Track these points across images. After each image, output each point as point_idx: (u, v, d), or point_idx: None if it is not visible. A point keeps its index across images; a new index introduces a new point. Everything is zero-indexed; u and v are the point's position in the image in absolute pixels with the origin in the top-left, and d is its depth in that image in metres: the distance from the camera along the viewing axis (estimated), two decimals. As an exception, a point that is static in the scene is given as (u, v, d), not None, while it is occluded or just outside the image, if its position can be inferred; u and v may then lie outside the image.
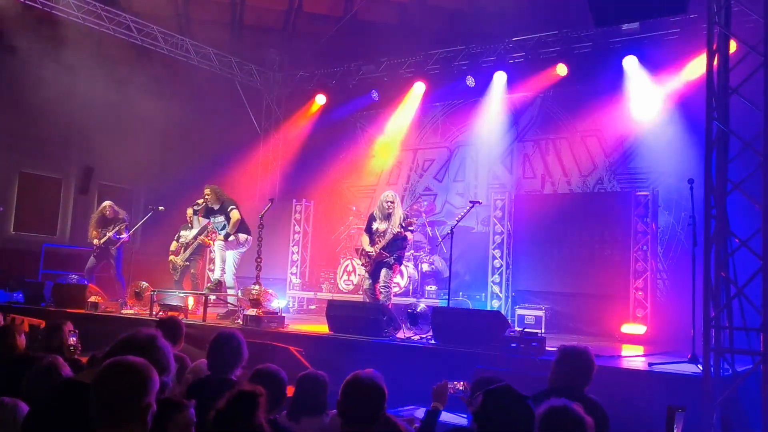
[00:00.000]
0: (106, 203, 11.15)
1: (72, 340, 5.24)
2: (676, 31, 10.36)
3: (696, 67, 9.91)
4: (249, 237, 9.74)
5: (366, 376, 3.32)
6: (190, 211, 10.66)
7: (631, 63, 10.80)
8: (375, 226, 8.71)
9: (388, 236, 8.48)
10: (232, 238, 9.60)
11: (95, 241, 10.90)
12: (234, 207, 9.61)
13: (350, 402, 3.25)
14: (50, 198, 14.20)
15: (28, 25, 11.80)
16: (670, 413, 3.51)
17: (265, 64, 14.86)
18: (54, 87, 12.20)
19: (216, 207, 9.69)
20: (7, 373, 4.10)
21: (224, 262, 9.75)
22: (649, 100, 10.73)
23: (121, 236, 10.87)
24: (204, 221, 9.99)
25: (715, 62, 5.47)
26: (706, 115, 5.39)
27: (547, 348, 6.44)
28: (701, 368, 5.25)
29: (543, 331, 9.08)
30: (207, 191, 9.66)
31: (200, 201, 9.75)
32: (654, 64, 10.64)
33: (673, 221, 10.33)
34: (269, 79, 15.07)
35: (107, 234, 10.85)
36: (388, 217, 8.61)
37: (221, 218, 9.68)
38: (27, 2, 11.18)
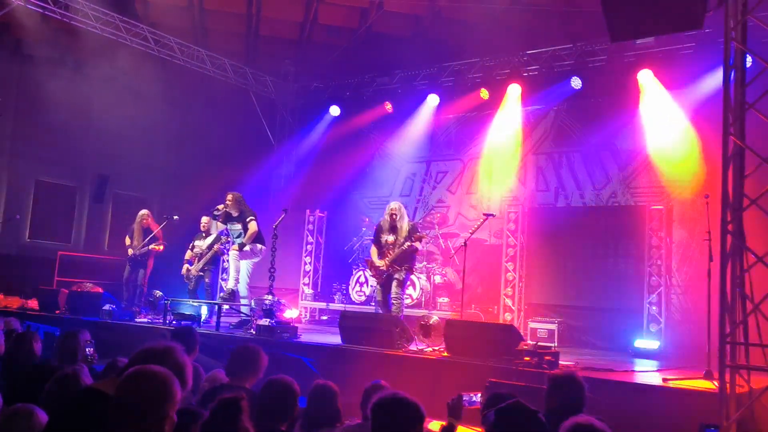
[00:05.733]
0: (145, 213, 11.14)
1: (89, 350, 5.26)
2: (691, 45, 10.33)
3: (711, 81, 9.87)
4: (263, 247, 9.78)
5: (403, 395, 3.18)
6: (205, 219, 10.72)
7: (645, 76, 10.77)
8: (383, 238, 8.73)
9: (398, 251, 8.48)
10: (247, 247, 9.64)
11: (130, 251, 10.91)
12: (252, 218, 9.67)
13: (387, 420, 3.11)
14: (65, 206, 14.32)
15: (46, 35, 11.95)
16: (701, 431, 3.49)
17: (279, 74, 14.95)
18: (70, 96, 12.34)
19: (235, 214, 9.76)
20: (23, 381, 4.14)
21: (238, 271, 9.80)
22: (663, 113, 10.69)
23: (159, 248, 10.89)
24: (222, 227, 10.03)
25: (732, 77, 5.46)
26: (722, 130, 5.37)
27: (560, 362, 6.42)
28: (717, 384, 5.20)
29: (556, 344, 9.04)
30: (229, 197, 9.76)
31: (221, 207, 9.79)
32: (669, 78, 10.60)
33: (687, 235, 10.27)
34: (284, 90, 15.15)
35: (147, 245, 10.81)
36: (394, 228, 8.62)
37: (238, 226, 9.75)
38: (45, 13, 11.31)
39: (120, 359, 4.22)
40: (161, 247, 10.85)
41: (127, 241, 11.01)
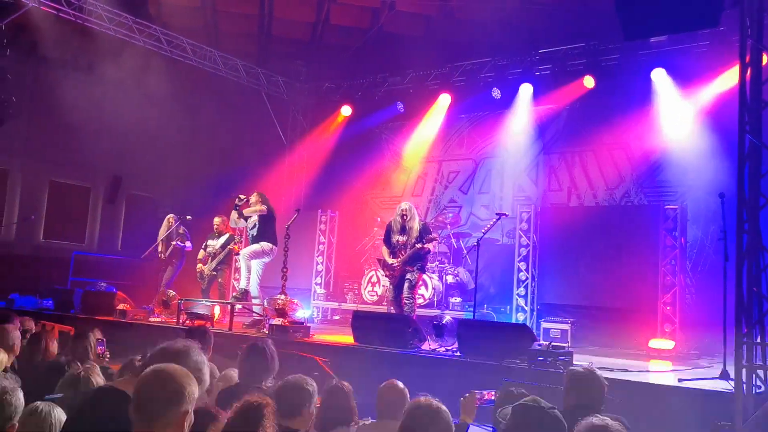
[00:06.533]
0: (170, 217, 11.15)
1: (100, 348, 5.29)
2: (705, 44, 10.25)
3: (726, 80, 9.80)
4: (274, 246, 9.79)
5: (433, 402, 3.19)
6: (217, 219, 10.76)
7: (659, 75, 10.71)
8: (394, 238, 8.70)
9: (410, 251, 8.46)
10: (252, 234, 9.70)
11: (161, 256, 10.93)
12: (270, 209, 9.77)
13: (420, 423, 3.12)
14: (79, 206, 14.42)
15: (61, 36, 12.02)
16: (714, 430, 3.45)
17: (291, 75, 14.97)
18: (84, 97, 12.41)
19: None
20: (40, 379, 4.16)
21: (249, 271, 9.82)
22: (677, 112, 10.63)
23: (185, 245, 10.95)
24: (242, 223, 10.08)
25: (748, 75, 5.42)
26: (738, 128, 5.33)
27: (574, 362, 6.39)
28: (733, 384, 5.16)
29: (569, 344, 8.98)
30: (257, 193, 9.89)
31: (243, 196, 9.83)
32: (683, 76, 10.53)
33: (701, 235, 10.19)
34: (295, 91, 15.18)
35: (172, 244, 10.88)
36: (404, 229, 8.59)
37: (255, 218, 9.81)
38: (60, 15, 11.38)
39: (136, 358, 4.24)
40: (186, 243, 10.91)
41: (160, 246, 11.04)
